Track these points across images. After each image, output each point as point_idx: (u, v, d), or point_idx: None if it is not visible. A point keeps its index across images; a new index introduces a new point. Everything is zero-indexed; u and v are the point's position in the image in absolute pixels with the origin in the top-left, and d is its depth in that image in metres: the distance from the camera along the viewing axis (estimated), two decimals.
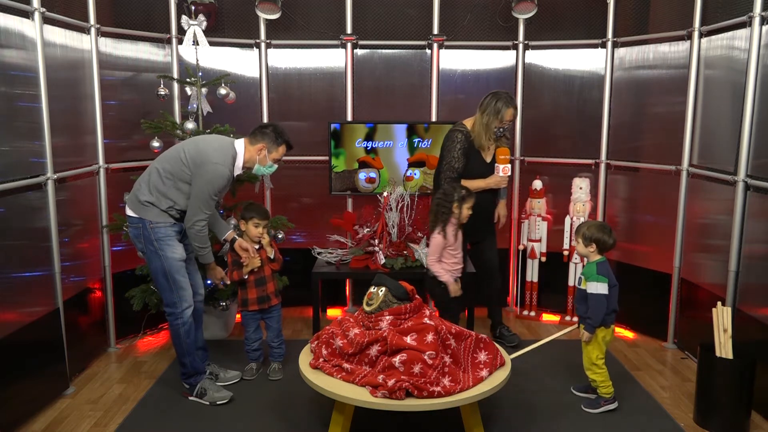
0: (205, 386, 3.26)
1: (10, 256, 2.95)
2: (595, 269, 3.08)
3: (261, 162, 3.20)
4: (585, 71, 4.43)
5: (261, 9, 4.25)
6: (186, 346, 3.20)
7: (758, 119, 3.25)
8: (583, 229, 3.17)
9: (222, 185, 3.08)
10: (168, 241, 3.11)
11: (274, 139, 3.18)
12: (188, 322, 3.19)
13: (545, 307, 4.64)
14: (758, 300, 3.21)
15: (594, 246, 3.11)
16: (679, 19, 3.87)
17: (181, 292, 3.15)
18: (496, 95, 3.69)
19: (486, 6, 4.46)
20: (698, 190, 3.82)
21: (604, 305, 3.05)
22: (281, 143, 3.21)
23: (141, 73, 4.07)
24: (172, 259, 3.11)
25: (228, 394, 3.24)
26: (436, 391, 2.52)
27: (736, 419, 2.97)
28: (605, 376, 3.13)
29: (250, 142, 3.18)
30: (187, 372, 3.27)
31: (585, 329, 3.09)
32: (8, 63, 2.97)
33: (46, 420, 3.06)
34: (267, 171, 3.27)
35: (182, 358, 3.24)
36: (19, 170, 3.03)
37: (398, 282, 2.86)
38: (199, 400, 3.25)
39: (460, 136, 3.74)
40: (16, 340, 2.94)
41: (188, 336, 3.20)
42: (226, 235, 3.39)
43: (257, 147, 3.17)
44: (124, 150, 4.01)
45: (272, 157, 3.22)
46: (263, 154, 3.18)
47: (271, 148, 3.19)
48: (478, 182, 3.75)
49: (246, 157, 3.18)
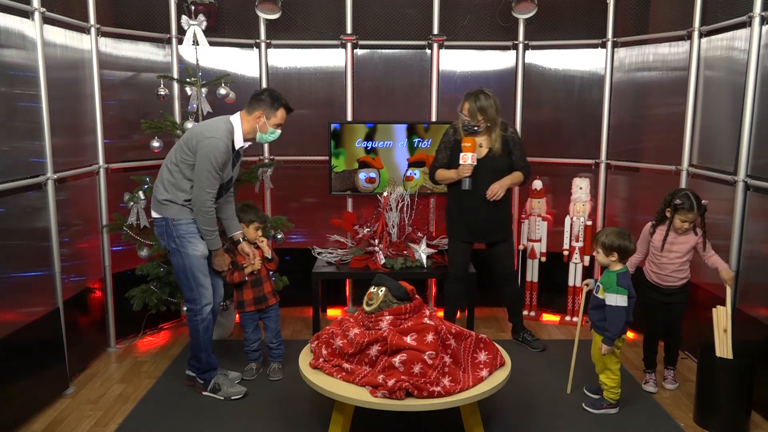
0: (220, 382, 3.29)
1: (10, 256, 2.95)
2: (616, 280, 3.01)
3: (262, 129, 3.18)
4: (585, 71, 4.43)
5: (261, 9, 4.25)
6: (203, 342, 3.23)
7: (758, 119, 3.25)
8: (601, 238, 3.09)
9: (220, 159, 3.03)
10: (189, 238, 3.13)
11: (271, 103, 3.15)
12: (207, 318, 3.22)
13: (545, 307, 4.64)
14: (758, 300, 3.21)
15: (615, 255, 3.05)
16: (679, 19, 3.88)
17: (202, 289, 3.18)
18: (472, 90, 3.63)
19: (486, 6, 4.46)
20: (698, 190, 3.79)
21: (623, 318, 3.02)
22: (278, 106, 3.17)
23: (141, 73, 4.07)
24: (193, 256, 3.13)
25: (243, 390, 3.26)
26: (436, 391, 2.52)
27: (736, 419, 2.97)
28: (617, 383, 3.12)
29: (247, 112, 3.17)
30: (202, 367, 3.29)
31: (603, 341, 3.05)
32: (8, 63, 2.97)
33: (46, 420, 3.06)
34: (270, 138, 3.23)
35: (199, 353, 3.26)
36: (19, 170, 3.03)
37: (398, 282, 2.86)
38: (213, 395, 3.27)
39: (450, 130, 3.76)
40: (16, 340, 2.94)
41: (206, 332, 3.23)
42: (235, 234, 3.39)
43: (255, 115, 3.15)
44: (124, 150, 4.01)
45: (272, 123, 3.18)
46: (262, 122, 3.16)
47: (269, 114, 3.16)
48: (450, 173, 3.70)
49: (245, 128, 3.16)
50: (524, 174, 3.78)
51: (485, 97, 3.57)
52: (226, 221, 3.37)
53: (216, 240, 3.18)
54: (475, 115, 3.57)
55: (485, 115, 3.56)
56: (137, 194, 3.73)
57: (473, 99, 3.57)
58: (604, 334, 3.04)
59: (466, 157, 3.56)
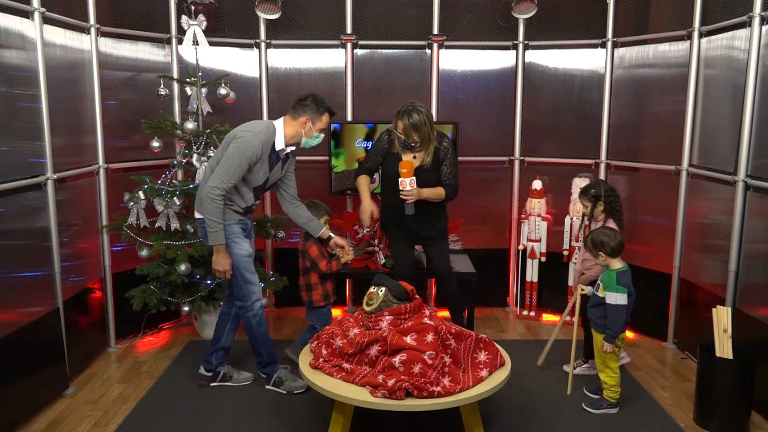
0: (282, 375, 3.33)
1: (10, 256, 2.95)
2: (615, 279, 3.02)
3: (307, 134, 3.23)
4: (585, 71, 4.43)
5: (261, 9, 4.25)
6: (260, 337, 3.27)
7: (758, 119, 3.25)
8: (589, 237, 3.15)
9: (248, 154, 3.03)
10: (233, 238, 3.17)
11: (316, 109, 3.20)
12: (259, 314, 3.26)
13: (545, 307, 4.64)
14: (758, 300, 3.21)
15: (602, 253, 3.07)
16: (679, 19, 3.88)
17: (251, 286, 3.22)
18: (406, 104, 3.44)
19: (486, 6, 4.46)
20: (698, 190, 3.82)
21: (623, 316, 3.02)
22: (323, 111, 3.22)
23: (141, 73, 4.07)
24: (238, 255, 3.17)
25: (304, 384, 3.24)
26: (436, 391, 2.52)
27: (736, 419, 2.97)
28: (616, 381, 3.12)
29: (292, 117, 3.21)
30: (263, 362, 3.33)
31: (605, 339, 3.05)
32: (8, 63, 2.97)
33: (45, 420, 3.06)
34: (315, 142, 3.28)
35: (257, 347, 3.31)
36: (19, 170, 3.03)
37: (398, 282, 2.86)
38: (275, 389, 3.32)
39: (384, 137, 3.62)
40: (16, 340, 2.94)
41: (260, 327, 3.27)
42: (321, 232, 3.44)
43: (300, 121, 3.19)
44: (124, 150, 4.01)
45: (317, 128, 3.23)
46: (308, 127, 3.20)
47: (315, 119, 3.21)
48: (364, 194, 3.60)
49: (289, 132, 3.20)
50: (447, 192, 3.56)
51: (417, 114, 3.39)
52: (307, 225, 3.43)
53: (219, 235, 3.06)
54: (410, 133, 3.42)
55: (419, 131, 3.42)
56: (137, 194, 3.73)
57: (406, 116, 3.39)
58: (605, 332, 3.05)
59: (405, 183, 3.39)
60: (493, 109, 4.61)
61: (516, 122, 4.55)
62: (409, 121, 3.40)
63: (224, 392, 3.34)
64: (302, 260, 3.53)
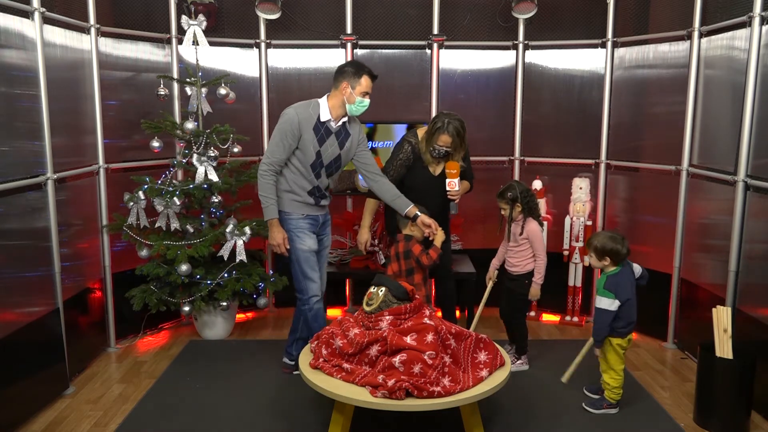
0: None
1: (10, 256, 2.95)
2: (603, 283, 3.04)
3: (349, 100, 3.19)
4: (585, 71, 4.43)
5: (261, 9, 4.25)
6: (314, 330, 3.28)
7: (758, 119, 3.25)
8: (594, 242, 3.09)
9: (285, 127, 3.15)
10: (297, 232, 3.27)
11: (354, 72, 3.17)
12: (315, 309, 3.32)
13: (545, 307, 4.64)
14: (758, 300, 3.21)
15: (608, 259, 3.05)
16: (679, 19, 3.88)
17: (309, 282, 3.29)
18: (439, 117, 3.43)
19: (486, 6, 4.46)
20: (698, 190, 3.82)
21: (606, 320, 3.02)
22: (362, 74, 3.17)
23: (141, 73, 4.07)
24: (300, 249, 3.26)
25: None
26: (436, 391, 2.52)
27: (736, 419, 2.97)
28: (619, 383, 3.12)
29: (334, 87, 3.22)
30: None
31: (594, 345, 3.09)
32: (8, 63, 2.97)
33: (45, 420, 3.06)
34: (360, 108, 3.23)
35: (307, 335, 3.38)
36: (19, 170, 3.03)
37: (398, 282, 2.86)
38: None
39: (408, 148, 3.58)
40: (16, 340, 2.94)
41: (315, 320, 3.32)
42: (407, 210, 3.34)
43: (341, 88, 3.19)
44: (124, 150, 4.01)
45: (358, 92, 3.18)
46: (348, 92, 3.17)
47: (354, 83, 3.16)
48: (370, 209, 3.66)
49: (332, 103, 3.21)
50: (472, 185, 3.80)
51: (452, 123, 3.39)
52: (394, 202, 3.36)
53: (270, 210, 3.21)
54: (456, 143, 3.42)
55: (462, 138, 3.44)
56: (137, 194, 3.73)
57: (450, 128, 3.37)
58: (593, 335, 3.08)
59: (454, 184, 3.50)
60: (493, 109, 4.61)
61: (516, 122, 4.55)
62: (455, 131, 3.39)
63: (224, 392, 3.35)
64: (399, 263, 3.43)
